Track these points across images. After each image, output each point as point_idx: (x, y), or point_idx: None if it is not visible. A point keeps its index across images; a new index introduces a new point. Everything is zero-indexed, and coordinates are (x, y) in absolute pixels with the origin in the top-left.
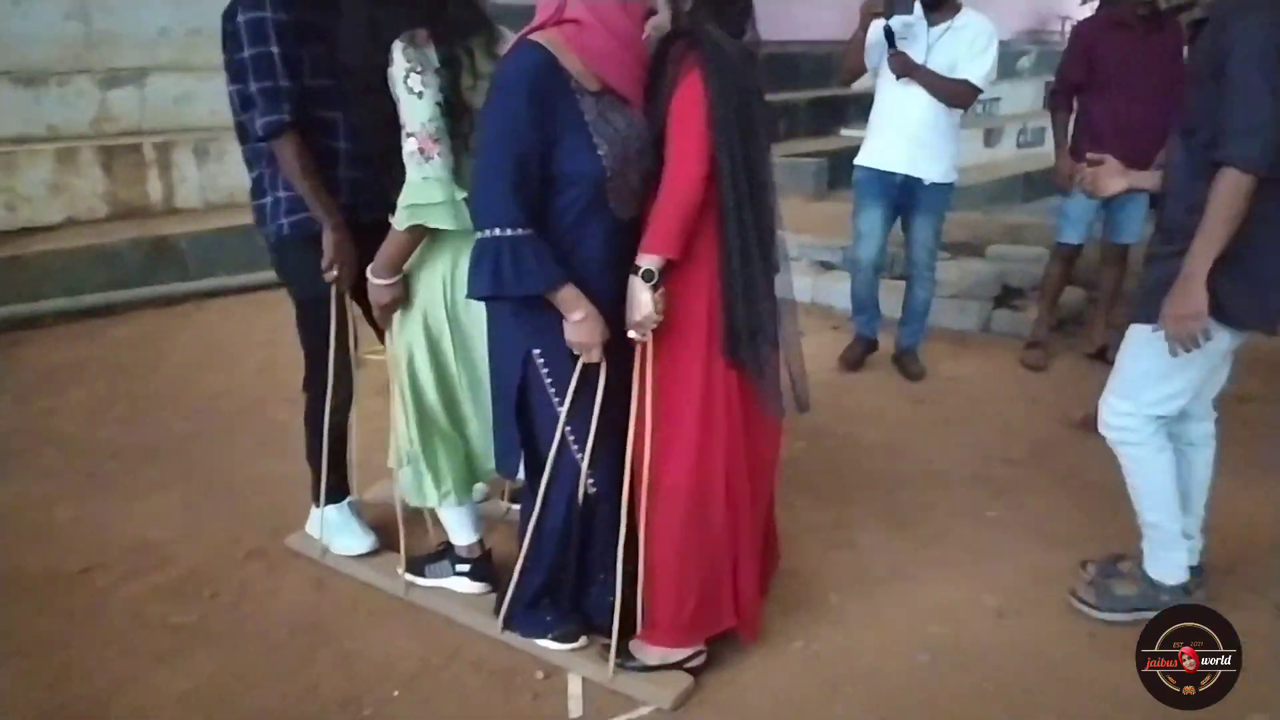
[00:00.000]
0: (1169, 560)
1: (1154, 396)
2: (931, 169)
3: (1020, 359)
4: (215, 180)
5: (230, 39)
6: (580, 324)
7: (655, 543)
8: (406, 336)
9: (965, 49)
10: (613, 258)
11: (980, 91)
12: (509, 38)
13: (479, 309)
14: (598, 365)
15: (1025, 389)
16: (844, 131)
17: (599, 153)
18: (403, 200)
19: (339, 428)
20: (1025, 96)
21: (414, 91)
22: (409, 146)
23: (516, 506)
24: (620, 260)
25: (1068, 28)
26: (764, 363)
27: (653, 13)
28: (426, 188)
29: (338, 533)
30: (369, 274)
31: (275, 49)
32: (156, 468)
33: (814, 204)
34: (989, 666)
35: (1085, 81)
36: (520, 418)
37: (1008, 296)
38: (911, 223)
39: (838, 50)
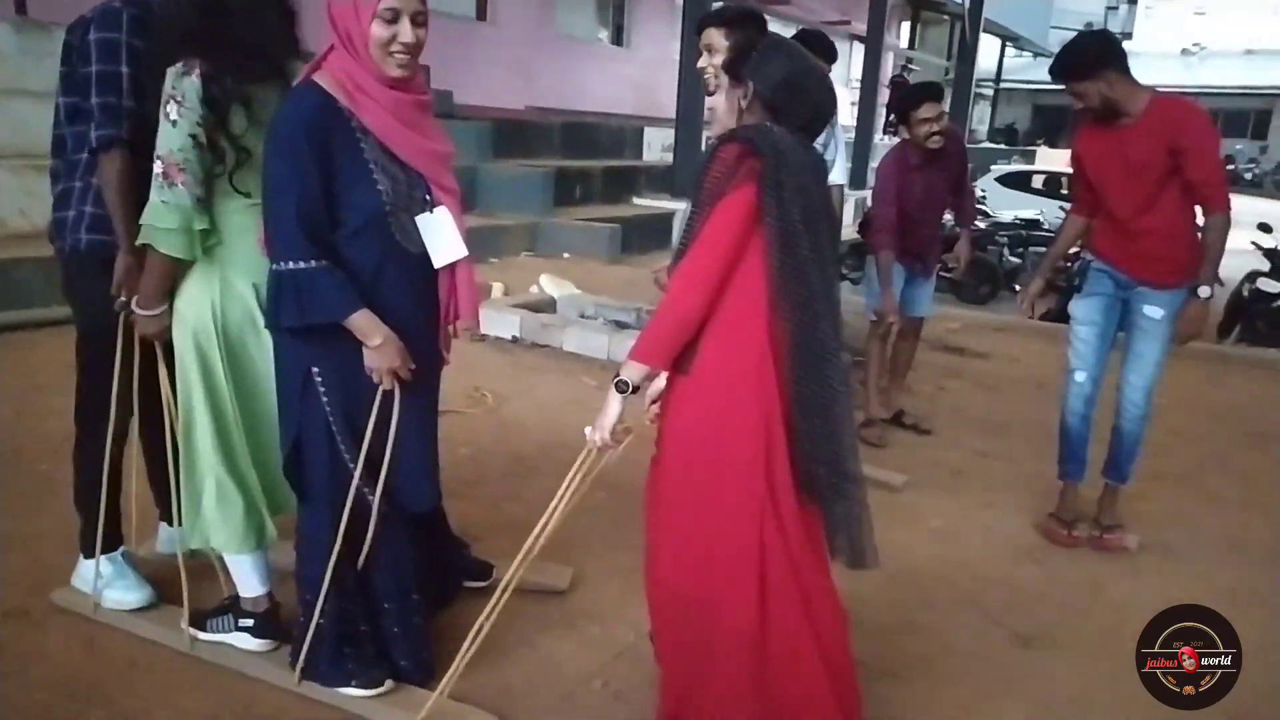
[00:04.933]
0: None
1: None
2: None
3: (858, 435)
4: None
5: (75, 52)
6: (379, 349)
7: (659, 637)
8: (183, 372)
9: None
10: (407, 288)
11: None
12: None
13: (266, 343)
14: (391, 391)
15: None
16: (636, 200)
17: (379, 188)
18: (141, 219)
19: (114, 466)
20: None
21: (169, 118)
22: (155, 168)
23: None
24: (416, 291)
25: None
26: (849, 502)
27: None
28: (163, 211)
29: (111, 585)
30: (134, 305)
31: (125, 69)
32: None
33: (608, 266)
34: None
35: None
36: (298, 439)
37: None
38: None
39: (629, 124)
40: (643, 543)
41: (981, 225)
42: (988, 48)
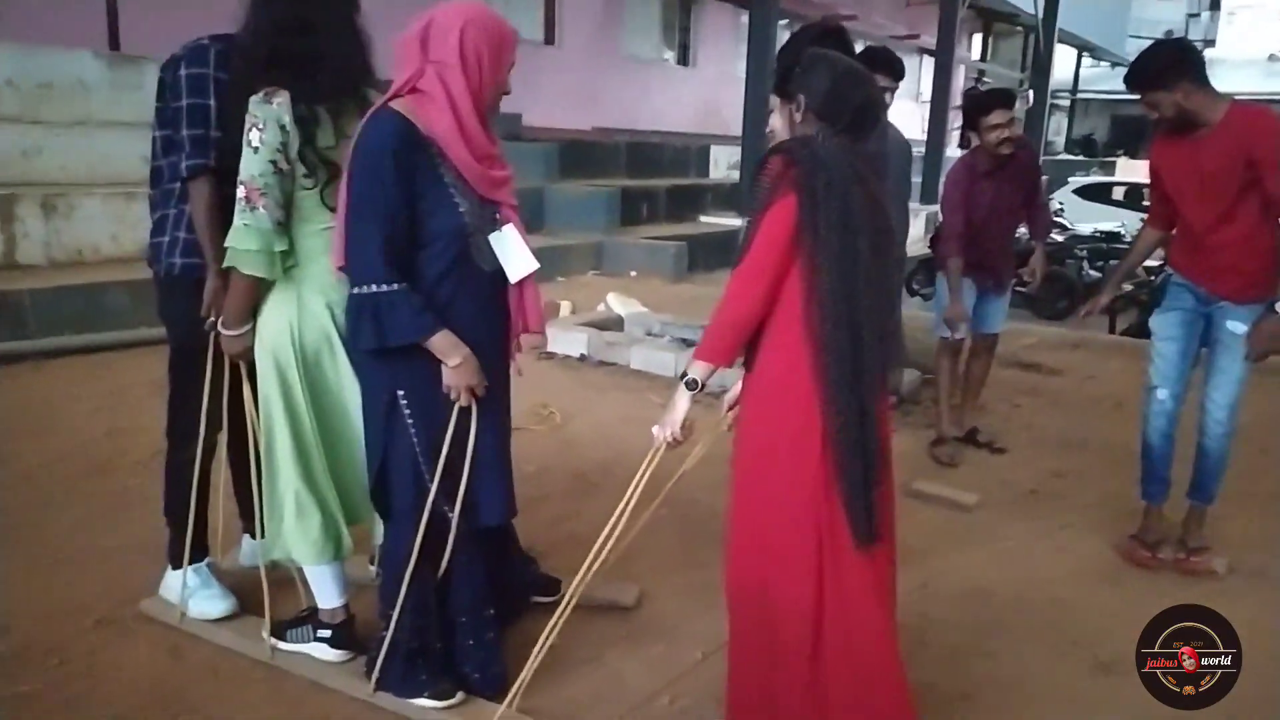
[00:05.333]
0: None
1: None
2: None
3: (930, 455)
4: (61, 236)
5: (168, 89)
6: (457, 369)
7: (730, 632)
8: (264, 390)
9: None
10: (482, 307)
11: None
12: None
13: (341, 361)
14: (468, 409)
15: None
16: (702, 218)
17: (460, 210)
18: (226, 241)
19: (202, 480)
20: None
21: (250, 145)
22: (239, 193)
23: None
24: (489, 309)
25: None
26: (868, 491)
27: (496, 107)
28: (245, 234)
29: (196, 595)
30: (220, 325)
31: (212, 102)
32: None
33: (674, 285)
34: None
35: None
36: (385, 461)
37: None
38: None
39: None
40: (710, 560)
41: (1059, 238)
42: (1063, 58)
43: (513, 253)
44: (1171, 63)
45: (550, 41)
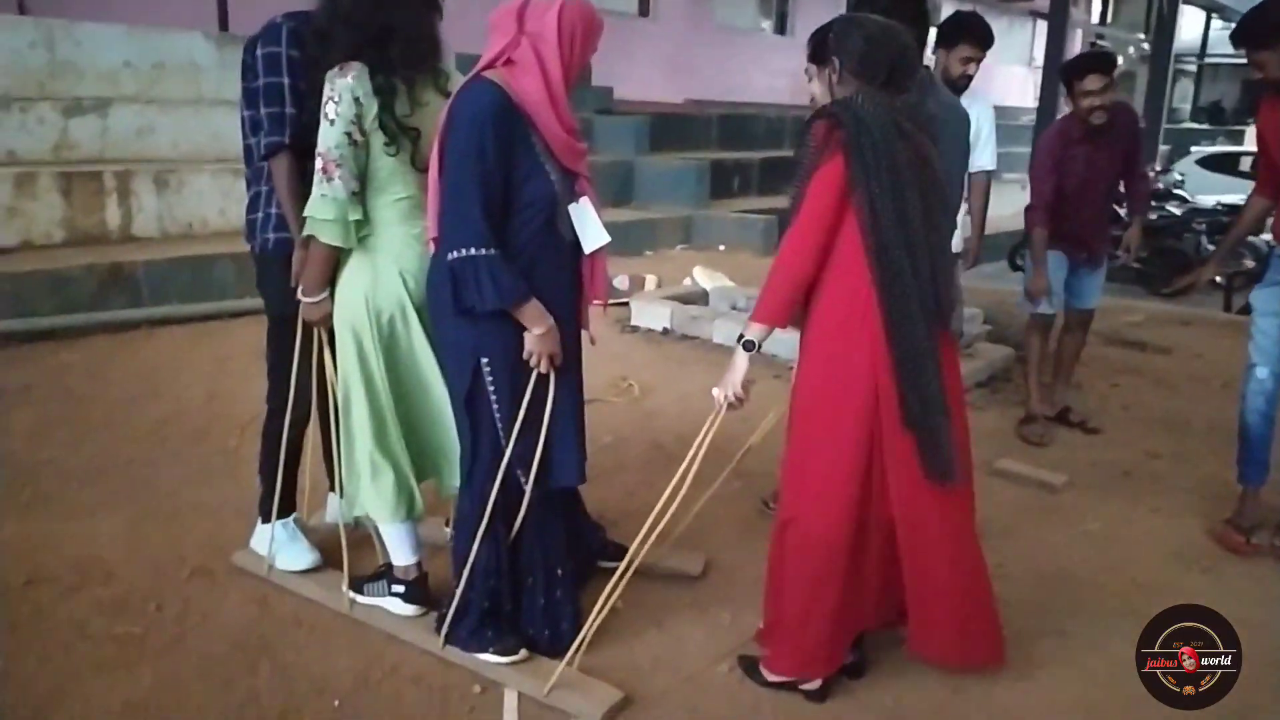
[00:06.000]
0: None
1: None
2: None
3: (1018, 434)
4: (173, 210)
5: (248, 70)
6: (541, 336)
7: (784, 578)
8: (341, 357)
9: (974, 129)
10: (562, 274)
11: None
12: (453, 74)
13: (414, 327)
14: (546, 375)
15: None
16: None
17: (551, 178)
18: (304, 211)
19: (294, 443)
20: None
21: (328, 118)
22: (316, 165)
23: None
24: (566, 277)
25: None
26: (934, 430)
27: (583, 79)
28: (322, 204)
29: (283, 548)
30: (299, 293)
31: (286, 80)
32: (101, 489)
33: (763, 259)
34: None
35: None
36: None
37: None
38: None
39: (788, 114)
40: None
41: (1176, 211)
42: (1191, 20)
43: (589, 224)
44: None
45: (644, 13)
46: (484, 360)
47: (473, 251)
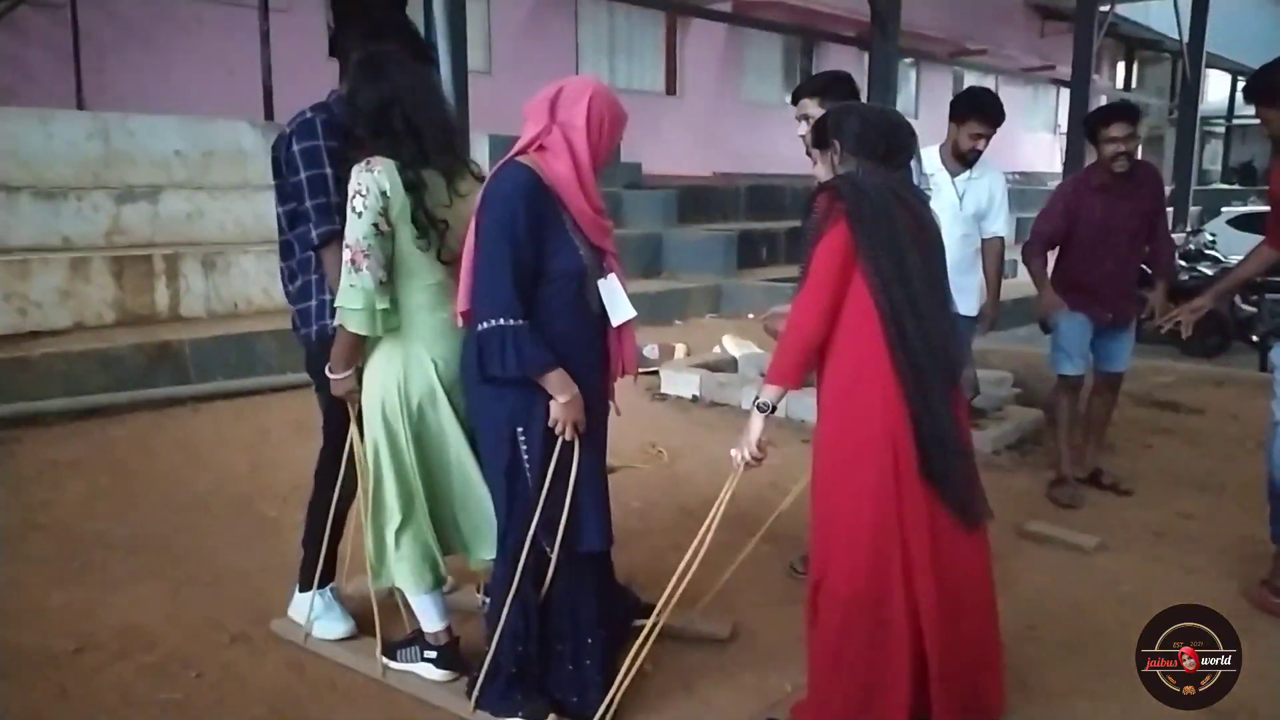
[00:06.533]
0: None
1: None
2: (961, 303)
3: (1048, 496)
4: (219, 290)
5: (285, 165)
6: (566, 405)
7: (815, 640)
8: (371, 437)
9: (986, 197)
10: (591, 345)
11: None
12: (478, 167)
13: (443, 409)
14: (572, 443)
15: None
16: None
17: (580, 253)
18: (336, 301)
19: (340, 516)
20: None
21: (355, 211)
22: (345, 256)
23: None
24: (595, 348)
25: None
26: (953, 474)
27: (613, 157)
28: (351, 294)
29: (320, 617)
30: (327, 369)
31: (329, 170)
32: (145, 558)
33: None
34: None
35: (1066, 236)
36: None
37: (970, 415)
38: None
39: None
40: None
41: (1209, 272)
42: (1217, 83)
43: (617, 299)
44: None
45: (671, 92)
46: (519, 429)
47: (502, 322)
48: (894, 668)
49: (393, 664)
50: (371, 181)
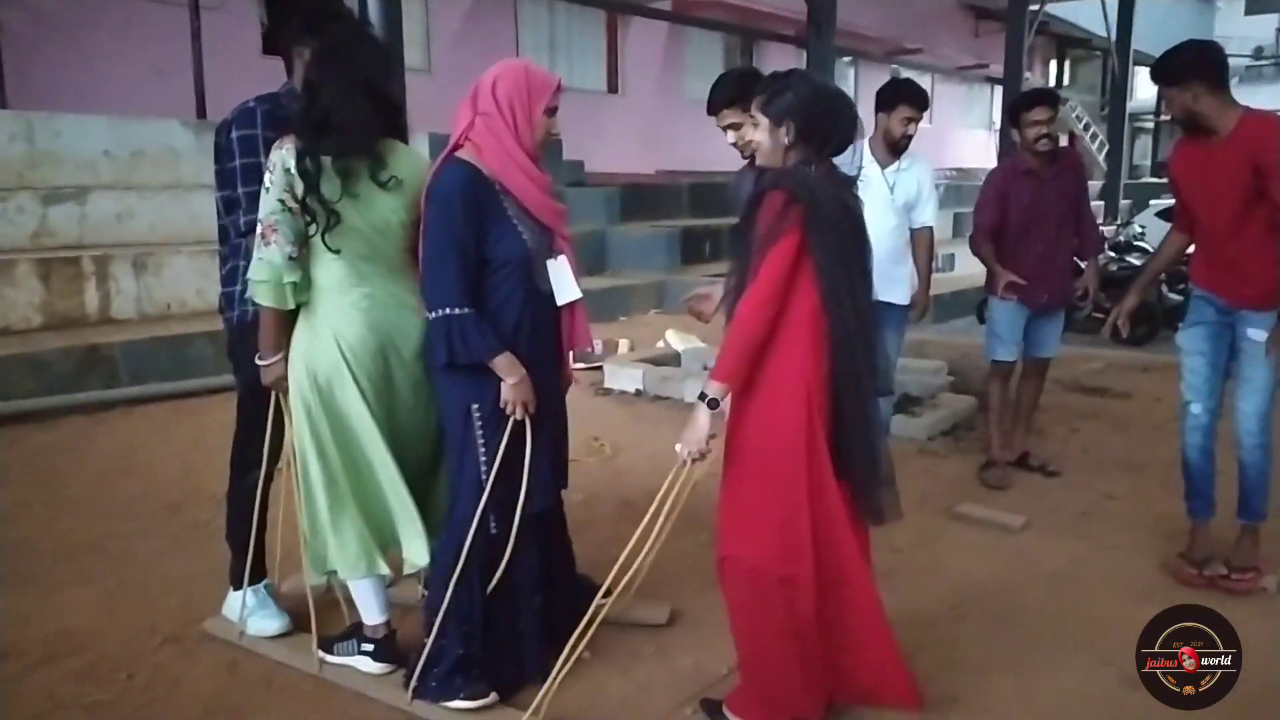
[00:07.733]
0: None
1: None
2: (893, 292)
3: (979, 479)
4: (151, 292)
5: (222, 151)
6: (515, 386)
7: (736, 622)
8: (295, 418)
9: (915, 188)
10: (540, 323)
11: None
12: (408, 165)
13: (352, 392)
14: (523, 421)
15: (921, 485)
16: None
17: (524, 238)
18: (246, 275)
19: (261, 507)
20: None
21: (265, 186)
22: (257, 230)
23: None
24: (545, 326)
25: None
26: (873, 482)
27: (541, 144)
28: (258, 266)
29: (254, 614)
30: (256, 356)
31: (263, 159)
32: (74, 565)
33: None
34: None
35: (1000, 224)
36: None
37: (905, 403)
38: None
39: None
40: None
41: (1137, 262)
42: (1146, 81)
43: (563, 280)
44: (1187, 62)
45: (614, 90)
46: (474, 406)
47: (448, 311)
48: (806, 644)
49: (329, 658)
50: (279, 159)
